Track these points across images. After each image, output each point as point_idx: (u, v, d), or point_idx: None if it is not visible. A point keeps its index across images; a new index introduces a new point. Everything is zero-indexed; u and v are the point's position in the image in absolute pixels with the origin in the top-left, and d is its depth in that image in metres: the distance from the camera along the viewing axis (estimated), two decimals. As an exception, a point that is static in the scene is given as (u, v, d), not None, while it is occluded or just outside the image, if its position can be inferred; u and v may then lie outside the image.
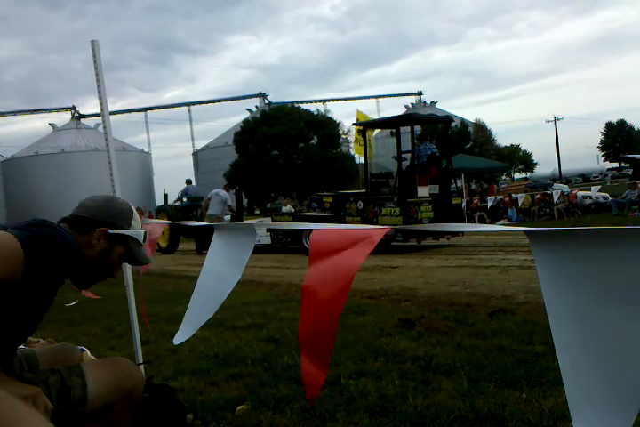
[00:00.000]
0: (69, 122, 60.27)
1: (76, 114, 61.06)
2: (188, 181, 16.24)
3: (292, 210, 14.83)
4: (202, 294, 1.89)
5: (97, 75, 2.44)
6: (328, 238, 1.32)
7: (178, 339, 1.91)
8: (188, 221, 2.55)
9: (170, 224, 4.04)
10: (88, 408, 1.45)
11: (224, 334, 3.91)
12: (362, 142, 11.29)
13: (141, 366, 2.27)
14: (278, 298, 5.48)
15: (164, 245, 13.75)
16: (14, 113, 60.96)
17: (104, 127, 2.54)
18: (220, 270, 1.80)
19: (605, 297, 0.86)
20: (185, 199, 15.51)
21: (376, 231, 1.25)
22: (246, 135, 33.76)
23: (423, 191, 9.88)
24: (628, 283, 0.83)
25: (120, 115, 61.28)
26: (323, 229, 1.36)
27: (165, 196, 17.41)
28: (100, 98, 2.48)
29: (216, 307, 1.80)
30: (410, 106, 61.82)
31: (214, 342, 3.72)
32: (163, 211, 15.54)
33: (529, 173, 60.43)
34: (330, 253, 1.29)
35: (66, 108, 61.59)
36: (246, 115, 48.31)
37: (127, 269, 2.58)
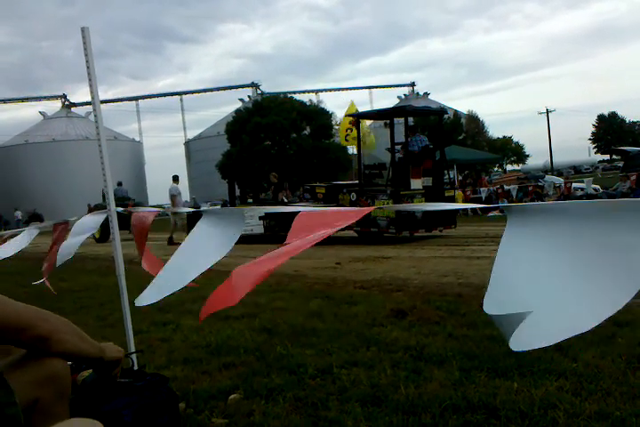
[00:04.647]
0: (60, 110, 59.73)
1: (66, 102, 60.47)
2: (119, 183, 17.67)
3: (285, 200, 14.82)
4: (178, 262, 1.88)
5: (87, 62, 2.40)
6: (310, 219, 1.35)
7: (140, 301, 1.91)
8: (178, 208, 2.53)
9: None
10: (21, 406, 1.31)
11: (216, 324, 3.91)
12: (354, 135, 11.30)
13: (134, 356, 2.26)
14: (271, 288, 5.48)
15: (97, 235, 14.55)
16: (4, 101, 60.34)
17: (95, 116, 2.51)
18: (203, 248, 1.78)
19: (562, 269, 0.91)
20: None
21: (355, 212, 1.28)
22: (239, 125, 33.59)
23: (416, 184, 9.88)
24: (589, 258, 0.87)
25: (111, 103, 60.84)
26: (308, 213, 1.38)
27: (104, 195, 18.01)
28: (90, 86, 2.44)
29: (186, 280, 1.76)
30: (403, 97, 61.81)
31: (207, 331, 3.72)
32: (102, 208, 16.21)
33: (521, 165, 60.69)
34: (308, 230, 1.30)
35: (56, 97, 61.04)
36: (239, 104, 48.02)
37: (119, 258, 2.56)
